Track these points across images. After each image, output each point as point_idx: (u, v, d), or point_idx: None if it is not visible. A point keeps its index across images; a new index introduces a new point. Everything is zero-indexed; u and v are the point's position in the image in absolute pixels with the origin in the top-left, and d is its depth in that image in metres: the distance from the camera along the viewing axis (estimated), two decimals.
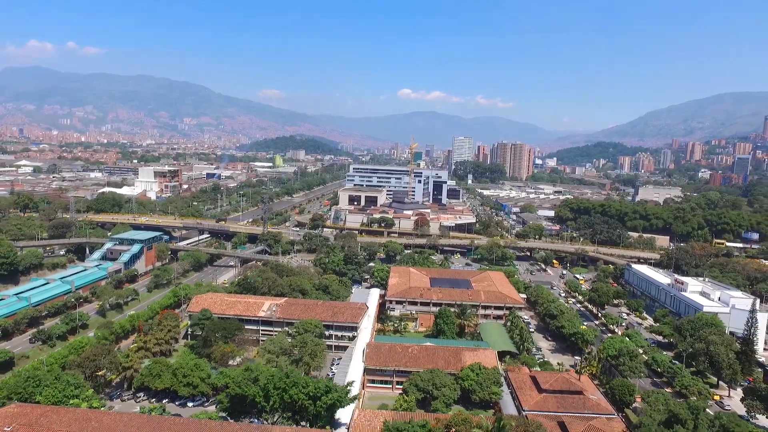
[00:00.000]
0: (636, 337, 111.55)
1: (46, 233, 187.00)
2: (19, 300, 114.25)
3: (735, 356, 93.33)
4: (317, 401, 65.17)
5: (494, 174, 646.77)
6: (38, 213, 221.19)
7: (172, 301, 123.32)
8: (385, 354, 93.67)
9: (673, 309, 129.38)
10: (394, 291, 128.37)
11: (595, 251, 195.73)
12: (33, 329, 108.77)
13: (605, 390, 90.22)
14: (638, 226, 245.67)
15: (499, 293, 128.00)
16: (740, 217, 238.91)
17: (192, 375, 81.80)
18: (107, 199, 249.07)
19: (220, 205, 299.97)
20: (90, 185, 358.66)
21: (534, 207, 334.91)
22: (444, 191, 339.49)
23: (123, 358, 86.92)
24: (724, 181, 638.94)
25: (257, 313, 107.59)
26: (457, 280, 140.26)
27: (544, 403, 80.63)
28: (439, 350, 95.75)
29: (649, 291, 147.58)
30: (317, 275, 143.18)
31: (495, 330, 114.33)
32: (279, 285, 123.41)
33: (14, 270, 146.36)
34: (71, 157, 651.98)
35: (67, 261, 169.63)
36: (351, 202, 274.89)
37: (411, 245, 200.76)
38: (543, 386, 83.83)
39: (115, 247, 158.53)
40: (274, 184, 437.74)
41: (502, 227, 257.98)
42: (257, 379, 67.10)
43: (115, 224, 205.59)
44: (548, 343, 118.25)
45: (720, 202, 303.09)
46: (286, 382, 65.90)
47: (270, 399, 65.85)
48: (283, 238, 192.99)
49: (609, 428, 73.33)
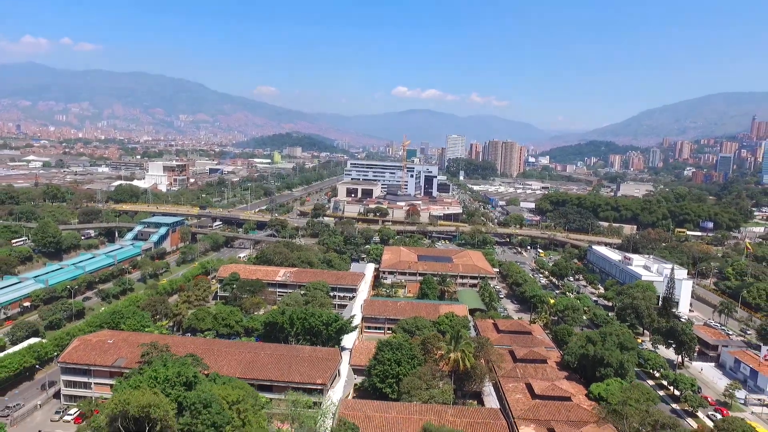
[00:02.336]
0: (584, 299, 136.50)
1: (76, 219, 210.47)
2: (76, 268, 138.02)
3: (656, 310, 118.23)
4: (329, 326, 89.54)
5: (486, 171, 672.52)
6: (65, 202, 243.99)
7: (200, 271, 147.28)
8: (378, 307, 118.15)
9: (620, 279, 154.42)
10: (386, 264, 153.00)
11: (566, 237, 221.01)
12: (90, 291, 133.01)
13: (552, 335, 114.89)
14: (609, 217, 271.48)
15: (474, 266, 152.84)
16: (700, 208, 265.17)
17: (229, 318, 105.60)
18: (125, 191, 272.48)
19: (227, 197, 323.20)
20: (103, 179, 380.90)
21: (518, 200, 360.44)
22: (434, 185, 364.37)
23: (173, 307, 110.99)
24: (705, 179, 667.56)
25: (274, 278, 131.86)
26: (440, 257, 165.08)
27: (500, 339, 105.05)
28: (422, 305, 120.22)
29: (605, 267, 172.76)
30: (321, 253, 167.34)
31: (469, 294, 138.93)
32: (290, 258, 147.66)
33: (59, 248, 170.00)
34: (75, 153, 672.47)
35: (99, 243, 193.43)
36: (349, 194, 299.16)
37: (403, 231, 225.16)
38: (501, 328, 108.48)
39: (145, 229, 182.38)
40: (274, 179, 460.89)
41: (487, 218, 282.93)
42: (284, 312, 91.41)
43: (137, 212, 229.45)
44: (514, 305, 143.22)
45: (688, 196, 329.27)
46: (306, 313, 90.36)
47: (294, 326, 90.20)
48: (289, 224, 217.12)
49: (546, 354, 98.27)
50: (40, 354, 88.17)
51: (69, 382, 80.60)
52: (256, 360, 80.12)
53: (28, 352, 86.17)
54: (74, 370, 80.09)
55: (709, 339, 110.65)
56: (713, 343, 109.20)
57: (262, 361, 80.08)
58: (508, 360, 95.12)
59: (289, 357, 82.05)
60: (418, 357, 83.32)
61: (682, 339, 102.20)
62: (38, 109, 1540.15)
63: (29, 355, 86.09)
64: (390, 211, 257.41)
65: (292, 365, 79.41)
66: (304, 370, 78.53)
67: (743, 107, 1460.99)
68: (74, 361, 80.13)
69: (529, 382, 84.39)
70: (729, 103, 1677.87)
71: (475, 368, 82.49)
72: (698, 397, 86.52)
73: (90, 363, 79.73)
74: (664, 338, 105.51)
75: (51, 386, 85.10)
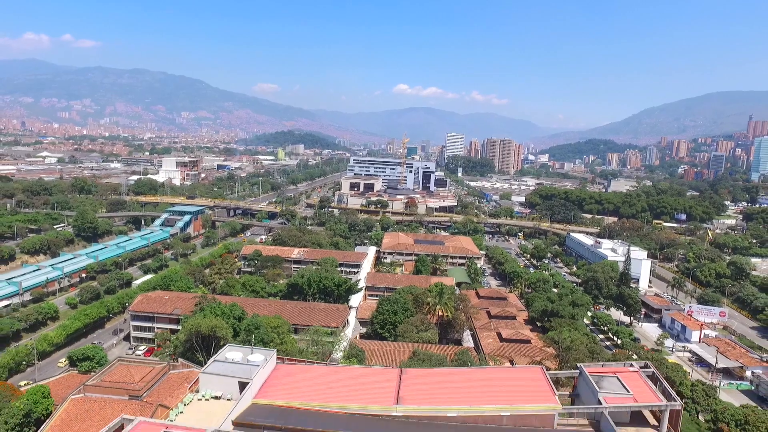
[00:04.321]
0: (557, 276, 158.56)
1: (104, 209, 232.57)
2: (118, 248, 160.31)
3: (615, 283, 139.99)
4: (340, 287, 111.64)
5: (484, 168, 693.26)
6: (91, 194, 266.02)
7: (225, 251, 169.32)
8: (379, 278, 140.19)
9: (591, 260, 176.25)
10: (386, 246, 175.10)
11: (549, 226, 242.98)
12: (131, 267, 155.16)
13: (524, 301, 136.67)
14: (593, 210, 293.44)
15: (463, 248, 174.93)
16: (676, 202, 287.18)
17: (255, 285, 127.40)
18: (145, 184, 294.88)
19: (237, 191, 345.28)
20: (119, 173, 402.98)
21: (510, 195, 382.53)
22: (432, 180, 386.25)
23: (208, 276, 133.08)
24: (696, 176, 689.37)
25: (290, 255, 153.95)
26: (434, 241, 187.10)
27: (480, 303, 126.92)
28: (416, 277, 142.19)
29: (580, 251, 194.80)
30: (328, 237, 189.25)
31: (457, 270, 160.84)
32: (302, 240, 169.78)
33: (96, 233, 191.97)
34: (86, 150, 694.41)
35: (128, 230, 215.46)
36: (352, 188, 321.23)
37: (401, 221, 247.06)
38: (481, 294, 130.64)
39: (171, 216, 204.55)
40: (279, 174, 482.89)
41: (480, 210, 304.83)
42: (303, 276, 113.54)
43: (158, 204, 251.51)
44: (496, 281, 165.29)
45: (669, 191, 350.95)
46: (321, 276, 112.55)
47: (311, 287, 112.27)
48: (298, 214, 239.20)
49: (517, 313, 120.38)
50: (109, 308, 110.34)
51: (137, 326, 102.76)
52: (284, 310, 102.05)
53: (100, 306, 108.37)
54: (141, 317, 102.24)
55: (655, 305, 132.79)
56: (657, 307, 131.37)
57: (288, 310, 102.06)
58: (485, 317, 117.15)
59: (308, 308, 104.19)
60: (411, 309, 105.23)
61: (629, 303, 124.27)
62: (41, 106, 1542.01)
63: (102, 308, 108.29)
64: (390, 203, 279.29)
65: (311, 314, 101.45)
66: (321, 317, 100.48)
67: (743, 106, 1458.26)
68: (141, 310, 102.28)
69: (499, 331, 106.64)
70: (729, 102, 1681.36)
71: (456, 319, 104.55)
72: (634, 344, 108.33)
73: (153, 311, 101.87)
74: (615, 303, 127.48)
75: (119, 333, 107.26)
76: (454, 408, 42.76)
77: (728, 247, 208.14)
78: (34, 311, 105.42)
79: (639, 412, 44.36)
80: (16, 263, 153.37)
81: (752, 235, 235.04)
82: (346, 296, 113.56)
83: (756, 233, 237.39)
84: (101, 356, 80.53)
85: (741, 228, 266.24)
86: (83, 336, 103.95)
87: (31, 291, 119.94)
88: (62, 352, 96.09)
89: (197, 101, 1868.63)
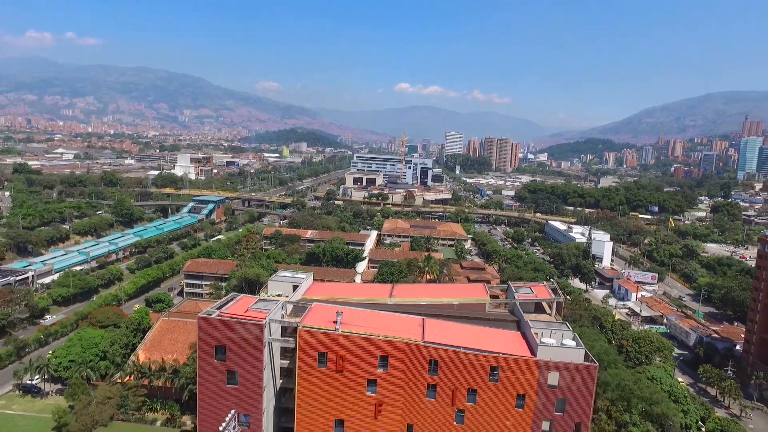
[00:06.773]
0: (531, 255, 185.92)
1: (133, 199, 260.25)
2: (157, 229, 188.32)
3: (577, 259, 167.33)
4: (348, 255, 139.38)
5: (481, 166, 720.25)
6: (118, 186, 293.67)
7: (248, 232, 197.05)
8: (380, 253, 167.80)
9: (564, 243, 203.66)
10: (386, 229, 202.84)
11: (533, 216, 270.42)
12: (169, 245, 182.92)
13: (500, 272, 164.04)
14: (576, 203, 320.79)
15: (452, 231, 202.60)
16: (651, 196, 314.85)
17: (278, 257, 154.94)
18: (166, 178, 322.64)
19: (248, 185, 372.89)
20: (136, 169, 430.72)
21: (503, 190, 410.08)
22: (429, 176, 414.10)
23: (238, 250, 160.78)
24: (686, 175, 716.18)
25: (305, 235, 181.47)
26: (427, 226, 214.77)
27: (463, 273, 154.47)
28: (411, 253, 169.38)
29: (555, 236, 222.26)
30: (336, 223, 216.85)
31: (446, 250, 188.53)
32: (314, 224, 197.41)
33: (131, 219, 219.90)
34: (98, 147, 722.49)
35: (156, 216, 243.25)
36: (355, 182, 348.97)
37: (400, 212, 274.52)
38: (464, 266, 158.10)
39: (197, 205, 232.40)
40: (285, 171, 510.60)
41: (472, 202, 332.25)
42: (319, 246, 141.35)
43: (179, 195, 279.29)
44: (480, 259, 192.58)
45: (648, 187, 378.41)
46: (333, 245, 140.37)
47: (325, 255, 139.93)
48: (307, 204, 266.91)
49: (491, 278, 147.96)
50: (163, 271, 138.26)
51: (189, 284, 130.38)
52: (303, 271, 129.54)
53: (157, 269, 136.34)
54: (192, 276, 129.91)
55: (608, 275, 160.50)
56: (609, 277, 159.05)
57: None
58: (465, 282, 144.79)
59: (323, 271, 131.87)
60: (405, 272, 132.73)
61: (584, 272, 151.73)
62: (44, 103, 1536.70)
63: (158, 270, 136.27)
64: (390, 196, 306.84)
65: (326, 274, 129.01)
66: (334, 276, 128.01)
67: (744, 106, 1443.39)
68: (192, 270, 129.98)
69: None
70: (730, 102, 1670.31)
71: (441, 280, 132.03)
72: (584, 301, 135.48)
73: (202, 272, 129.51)
74: (574, 273, 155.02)
75: (173, 290, 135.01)
76: (424, 299, 70.37)
77: (689, 234, 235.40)
78: (107, 272, 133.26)
79: (540, 304, 71.69)
80: (70, 242, 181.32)
81: (715, 225, 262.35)
82: (353, 263, 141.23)
83: (719, 223, 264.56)
84: (169, 300, 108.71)
85: (708, 219, 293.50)
86: (145, 292, 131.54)
87: (97, 260, 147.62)
88: (131, 302, 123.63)
89: (199, 99, 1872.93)
